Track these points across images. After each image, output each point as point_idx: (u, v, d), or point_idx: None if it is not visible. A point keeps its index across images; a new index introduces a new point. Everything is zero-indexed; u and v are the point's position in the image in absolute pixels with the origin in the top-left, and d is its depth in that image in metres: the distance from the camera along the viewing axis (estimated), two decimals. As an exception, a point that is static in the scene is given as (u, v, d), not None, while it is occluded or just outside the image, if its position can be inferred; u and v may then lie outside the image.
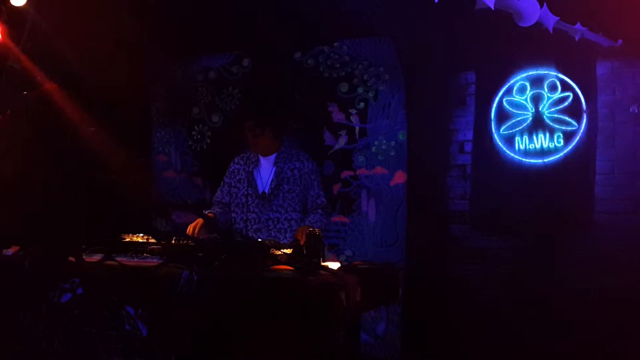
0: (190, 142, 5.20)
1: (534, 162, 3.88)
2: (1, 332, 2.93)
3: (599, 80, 3.75)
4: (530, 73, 3.93)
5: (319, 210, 3.45)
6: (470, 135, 4.18)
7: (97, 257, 2.81)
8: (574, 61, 3.80)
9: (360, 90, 4.51)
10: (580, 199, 3.73)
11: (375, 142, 4.45)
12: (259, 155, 3.57)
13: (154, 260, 2.71)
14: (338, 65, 4.60)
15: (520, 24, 2.90)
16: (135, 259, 2.76)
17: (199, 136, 5.16)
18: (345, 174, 4.52)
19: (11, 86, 3.25)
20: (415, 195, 4.24)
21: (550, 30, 3.04)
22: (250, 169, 3.58)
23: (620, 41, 3.61)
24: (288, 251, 2.63)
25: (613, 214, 3.67)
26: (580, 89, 3.77)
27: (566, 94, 3.82)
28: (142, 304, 2.60)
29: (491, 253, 3.99)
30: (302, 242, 3.05)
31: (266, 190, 3.48)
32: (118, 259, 2.70)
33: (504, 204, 3.94)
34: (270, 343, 2.30)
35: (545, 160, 3.85)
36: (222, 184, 3.69)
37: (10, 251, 3.13)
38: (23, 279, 2.93)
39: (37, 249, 2.93)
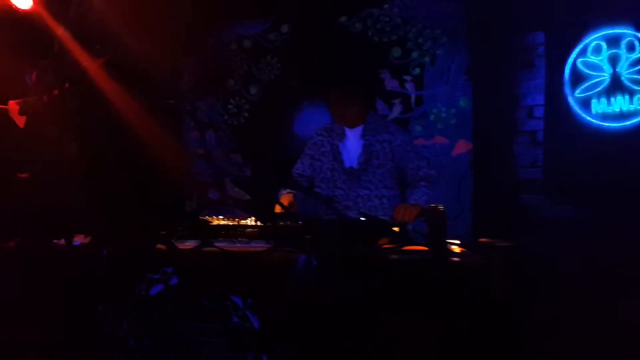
0: (226, 117, 4.89)
1: (613, 126, 3.69)
2: (78, 330, 2.67)
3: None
4: (606, 32, 3.71)
5: (421, 183, 3.16)
6: (539, 99, 3.95)
7: (190, 244, 2.55)
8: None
9: (415, 55, 4.25)
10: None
11: (434, 110, 4.21)
12: (344, 127, 3.29)
13: (260, 245, 2.46)
14: (389, 28, 4.32)
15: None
16: (238, 244, 2.50)
17: (235, 110, 4.86)
18: (402, 145, 4.29)
19: (67, 57, 2.92)
20: (481, 165, 4.03)
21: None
22: (336, 142, 3.30)
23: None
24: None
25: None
26: (661, 46, 3.58)
27: (646, 53, 3.62)
28: (253, 293, 2.35)
29: (566, 223, 3.80)
30: (408, 219, 2.85)
31: (354, 166, 3.22)
32: (218, 244, 2.44)
33: (580, 170, 3.75)
34: (412, 335, 2.09)
35: (626, 123, 3.66)
36: (302, 155, 3.42)
37: (78, 240, 2.85)
38: (101, 270, 2.66)
39: (117, 237, 2.65)
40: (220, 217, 2.74)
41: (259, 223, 2.60)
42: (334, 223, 2.44)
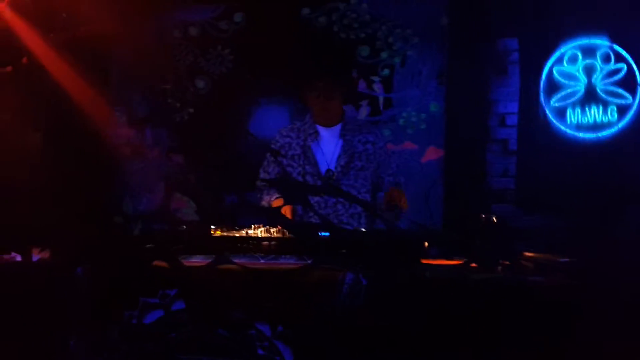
0: (166, 112, 4.36)
1: (587, 137, 3.70)
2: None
3: (655, 51, 3.64)
4: (582, 42, 3.71)
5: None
6: (513, 107, 3.88)
7: (199, 261, 2.10)
8: (628, 31, 3.64)
9: (384, 55, 4.03)
10: (634, 176, 3.61)
11: (404, 114, 4.01)
12: (318, 126, 2.96)
13: (291, 262, 2.08)
14: (356, 25, 4.06)
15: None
16: (262, 260, 2.09)
17: (178, 105, 4.34)
18: (369, 149, 4.04)
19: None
20: (451, 172, 3.89)
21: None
22: (308, 143, 2.96)
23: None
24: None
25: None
26: (634, 60, 3.63)
27: (620, 65, 3.65)
28: (284, 319, 1.96)
29: (537, 233, 3.75)
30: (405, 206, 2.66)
31: (332, 168, 2.90)
32: (237, 261, 2.02)
33: (553, 180, 3.71)
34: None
35: (599, 134, 3.68)
36: (266, 162, 3.02)
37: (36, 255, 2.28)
38: (74, 294, 2.13)
39: (96, 251, 2.13)
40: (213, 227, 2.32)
41: (275, 235, 2.21)
42: (377, 234, 2.12)
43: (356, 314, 1.91)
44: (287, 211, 2.62)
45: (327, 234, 2.12)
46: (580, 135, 3.71)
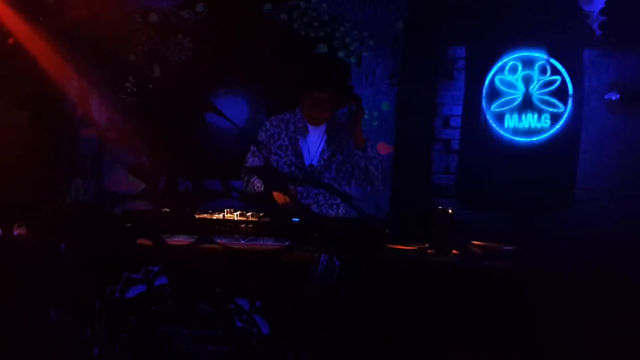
0: (123, 95, 4.39)
1: (522, 141, 4.05)
2: (28, 341, 2.19)
3: (585, 67, 4.02)
4: (522, 54, 4.06)
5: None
6: (456, 110, 4.19)
7: (182, 240, 2.24)
8: (563, 47, 4.01)
9: (341, 54, 4.24)
10: (563, 178, 4.01)
11: (356, 111, 4.23)
12: (307, 122, 3.14)
13: (270, 243, 2.25)
14: (316, 23, 4.25)
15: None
16: (242, 242, 2.25)
17: (134, 89, 4.38)
18: (323, 142, 4.24)
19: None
20: (399, 167, 4.15)
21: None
22: (296, 136, 3.14)
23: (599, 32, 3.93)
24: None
25: (589, 191, 4.01)
26: (568, 73, 4.00)
27: (555, 77, 4.02)
28: (262, 295, 2.14)
29: (474, 227, 4.08)
30: None
31: (314, 163, 3.10)
32: (219, 241, 2.17)
33: (490, 179, 4.05)
34: (447, 342, 2.06)
35: (533, 139, 4.04)
36: (252, 149, 3.18)
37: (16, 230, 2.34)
38: (55, 269, 2.21)
39: (81, 228, 2.22)
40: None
41: (251, 218, 2.38)
42: (350, 221, 2.33)
43: (328, 291, 2.12)
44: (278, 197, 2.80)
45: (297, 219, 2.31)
46: (516, 139, 4.06)
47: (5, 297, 2.18)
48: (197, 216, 2.32)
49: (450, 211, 2.39)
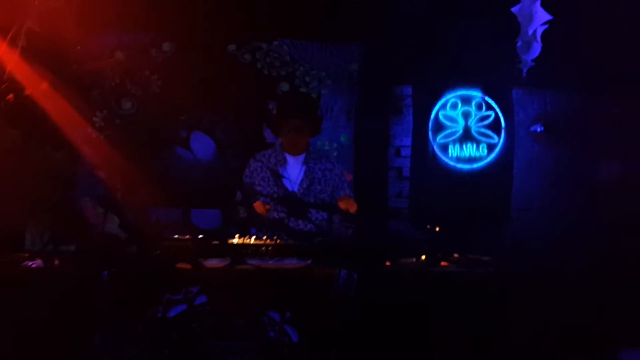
0: (89, 130, 4.53)
1: (464, 167, 4.61)
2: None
3: (514, 103, 4.67)
4: (461, 92, 4.64)
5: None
6: (406, 141, 4.70)
7: (215, 263, 2.51)
8: (495, 86, 4.64)
9: (302, 91, 4.63)
10: (499, 198, 4.60)
11: (318, 143, 4.63)
12: (286, 154, 3.49)
13: (294, 262, 2.56)
14: (278, 64, 4.63)
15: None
16: (270, 262, 2.55)
17: (102, 124, 4.54)
18: (287, 172, 4.59)
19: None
20: (359, 193, 4.57)
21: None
22: (276, 168, 3.47)
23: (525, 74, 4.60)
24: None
25: (522, 210, 4.64)
26: (500, 109, 4.63)
27: (489, 112, 4.63)
28: (291, 308, 2.45)
29: (425, 242, 4.57)
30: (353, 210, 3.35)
31: (295, 190, 3.44)
32: (250, 262, 2.47)
33: (438, 202, 4.57)
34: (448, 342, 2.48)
35: (473, 166, 4.61)
36: (242, 183, 3.48)
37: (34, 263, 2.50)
38: (97, 295, 2.41)
39: (123, 256, 2.43)
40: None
41: (268, 242, 2.69)
42: (363, 238, 2.70)
43: (349, 302, 2.47)
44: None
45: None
46: (459, 166, 4.62)
47: (51, 325, 2.34)
48: (229, 241, 2.60)
49: (437, 229, 2.82)
